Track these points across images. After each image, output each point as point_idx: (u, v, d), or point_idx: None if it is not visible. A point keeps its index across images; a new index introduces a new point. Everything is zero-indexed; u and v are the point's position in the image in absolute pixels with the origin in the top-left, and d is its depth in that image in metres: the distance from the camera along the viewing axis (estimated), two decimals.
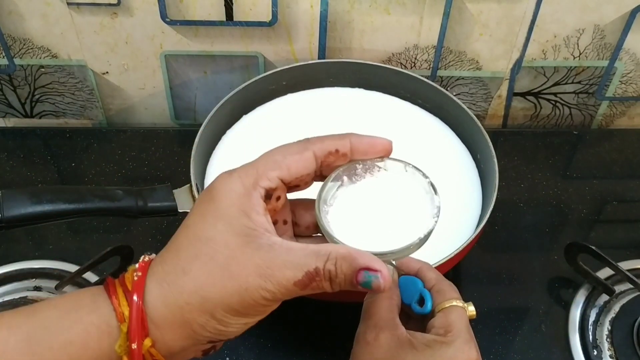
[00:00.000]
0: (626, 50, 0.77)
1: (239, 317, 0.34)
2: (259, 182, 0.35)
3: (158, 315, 0.34)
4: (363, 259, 0.34)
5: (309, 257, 0.34)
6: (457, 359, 0.41)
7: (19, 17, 0.71)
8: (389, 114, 0.71)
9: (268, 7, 0.71)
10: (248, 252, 0.33)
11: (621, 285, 0.65)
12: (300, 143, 0.37)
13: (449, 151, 0.69)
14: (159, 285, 0.34)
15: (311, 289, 0.34)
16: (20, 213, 0.51)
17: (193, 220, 0.35)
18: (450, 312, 0.43)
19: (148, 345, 0.34)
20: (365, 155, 0.38)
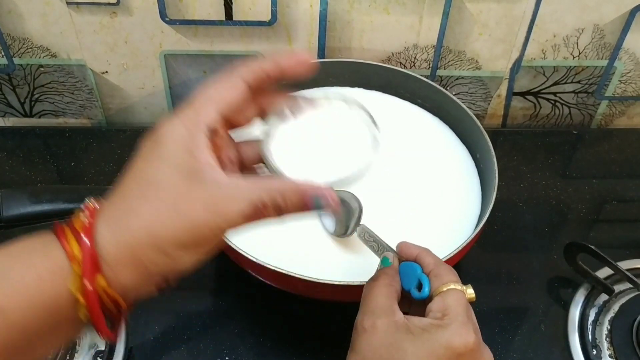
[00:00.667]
0: (626, 49, 0.77)
1: (189, 252, 0.35)
2: (200, 120, 0.36)
3: (109, 255, 0.34)
4: (310, 190, 0.36)
5: (255, 192, 0.35)
6: (453, 342, 0.41)
7: (19, 16, 0.71)
8: (389, 113, 0.71)
9: (267, 7, 0.71)
10: (195, 189, 0.34)
11: (620, 285, 0.65)
12: (230, 74, 0.38)
13: (449, 151, 0.69)
14: (108, 227, 0.35)
15: (259, 220, 0.36)
16: (19, 212, 0.51)
17: (139, 164, 0.36)
18: (447, 295, 0.43)
19: (102, 283, 0.34)
20: (289, 68, 0.38)
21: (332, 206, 0.36)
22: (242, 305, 0.64)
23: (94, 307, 0.34)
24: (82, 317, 0.35)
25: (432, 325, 0.41)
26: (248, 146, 0.41)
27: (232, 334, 0.62)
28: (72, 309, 0.34)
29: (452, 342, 0.41)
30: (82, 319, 0.35)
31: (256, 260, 0.53)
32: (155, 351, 0.60)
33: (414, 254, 0.47)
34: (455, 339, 0.41)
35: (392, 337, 0.41)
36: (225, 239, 0.55)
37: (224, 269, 0.67)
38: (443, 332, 0.41)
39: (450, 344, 0.41)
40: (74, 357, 0.59)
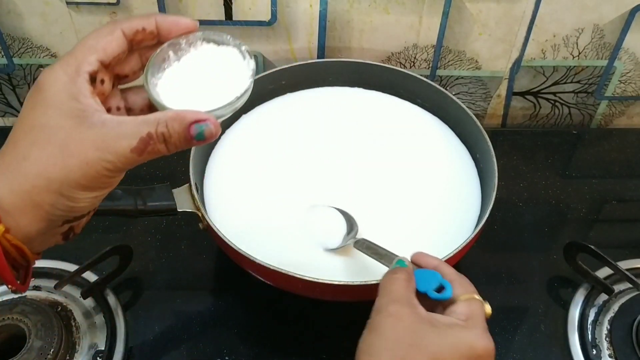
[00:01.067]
0: (625, 49, 0.77)
1: (87, 191, 0.36)
2: (81, 67, 0.37)
3: (7, 203, 0.35)
4: (191, 115, 0.37)
5: (140, 125, 0.36)
6: (476, 345, 0.42)
7: (18, 16, 0.71)
8: (388, 113, 0.71)
9: (267, 7, 0.71)
10: (82, 130, 0.35)
11: (620, 285, 0.65)
12: (109, 25, 0.39)
13: (448, 150, 0.69)
14: (2, 175, 0.35)
15: (148, 153, 0.36)
16: None
17: (25, 113, 0.37)
18: (472, 303, 0.45)
19: (2, 230, 0.35)
20: (170, 33, 0.40)
21: (212, 130, 0.37)
22: (242, 305, 0.64)
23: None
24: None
25: (456, 324, 0.43)
26: (135, 94, 0.42)
27: (232, 334, 0.62)
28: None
29: (475, 343, 0.42)
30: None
31: (256, 260, 0.53)
32: (155, 351, 0.60)
33: (433, 263, 0.48)
34: (478, 341, 0.43)
35: (417, 326, 0.42)
36: (223, 236, 0.55)
37: (224, 269, 0.67)
38: (467, 333, 0.43)
39: (473, 344, 0.42)
40: (74, 357, 0.59)
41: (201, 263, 0.67)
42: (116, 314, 0.62)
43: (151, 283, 0.66)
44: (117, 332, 0.61)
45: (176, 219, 0.68)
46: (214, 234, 0.56)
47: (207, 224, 0.57)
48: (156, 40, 0.40)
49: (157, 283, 0.66)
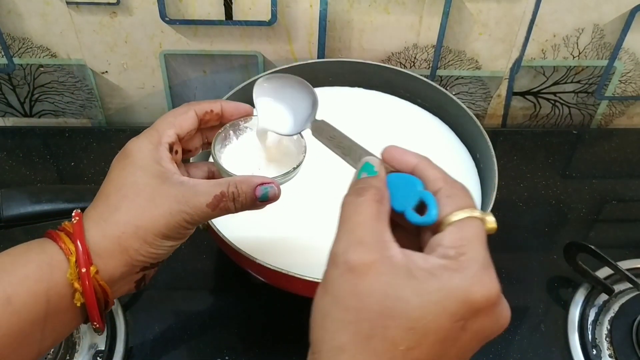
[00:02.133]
0: (625, 49, 0.77)
1: (166, 240, 0.42)
2: (162, 138, 0.44)
3: (99, 247, 0.40)
4: (258, 179, 0.43)
5: (214, 186, 0.42)
6: (472, 294, 0.31)
7: (18, 16, 0.71)
8: (389, 113, 0.71)
9: (267, 7, 0.71)
10: (166, 187, 0.42)
11: (620, 285, 0.65)
12: (184, 106, 0.46)
13: (449, 150, 0.69)
14: (95, 224, 0.41)
15: (220, 209, 0.42)
16: (19, 212, 0.51)
17: (115, 174, 0.43)
18: (465, 225, 0.33)
19: (94, 271, 0.39)
20: (232, 116, 0.48)
21: (276, 192, 0.43)
22: (242, 305, 0.64)
23: (89, 293, 0.39)
24: (77, 304, 0.39)
25: (443, 268, 0.31)
26: (195, 167, 0.49)
27: (232, 334, 0.62)
28: (68, 296, 0.39)
29: (470, 292, 0.31)
30: (77, 305, 0.40)
31: (256, 260, 0.53)
32: (155, 351, 0.61)
33: (411, 162, 0.36)
34: (475, 288, 0.31)
35: (388, 283, 0.31)
36: (223, 236, 0.55)
37: (224, 269, 0.67)
38: (459, 279, 0.31)
39: (468, 295, 0.31)
40: (74, 357, 0.59)
41: (201, 263, 0.68)
42: (116, 314, 0.62)
43: (151, 283, 0.65)
44: (117, 332, 0.61)
45: None
46: (214, 234, 0.56)
47: (207, 224, 0.57)
48: (219, 121, 0.48)
49: (157, 283, 0.66)
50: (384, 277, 0.31)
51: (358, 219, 0.33)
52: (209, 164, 0.50)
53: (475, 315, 0.31)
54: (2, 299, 0.37)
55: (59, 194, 0.53)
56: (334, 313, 0.32)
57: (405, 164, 0.36)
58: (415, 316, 0.30)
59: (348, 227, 0.33)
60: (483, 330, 0.32)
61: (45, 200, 0.52)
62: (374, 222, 0.33)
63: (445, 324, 0.30)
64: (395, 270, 0.31)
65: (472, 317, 0.31)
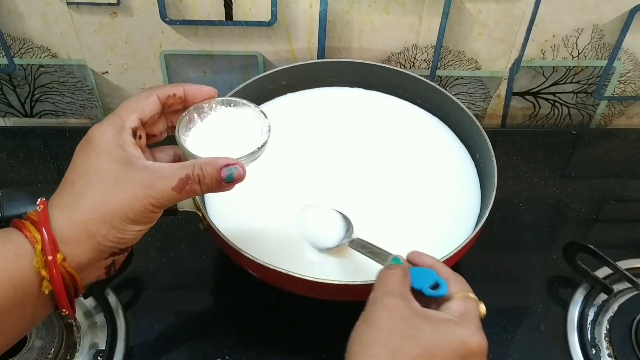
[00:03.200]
0: (625, 50, 0.77)
1: (133, 224, 0.42)
2: (125, 123, 0.44)
3: (65, 234, 0.40)
4: (222, 160, 0.44)
5: (179, 169, 0.43)
6: (469, 341, 0.42)
7: (19, 16, 0.71)
8: (388, 113, 0.72)
9: (267, 7, 0.71)
10: (131, 172, 0.42)
11: (620, 285, 0.65)
12: (146, 91, 0.47)
13: (448, 151, 0.69)
14: (61, 211, 0.41)
15: (186, 192, 0.43)
16: (19, 212, 0.51)
17: (79, 160, 0.43)
18: (467, 300, 0.45)
19: (60, 258, 0.40)
20: (195, 99, 0.48)
21: (241, 172, 0.44)
22: (242, 305, 0.64)
23: (57, 280, 0.40)
24: (45, 291, 0.40)
25: (450, 320, 0.43)
26: (161, 152, 0.49)
27: (232, 334, 0.62)
28: (36, 284, 0.40)
29: (468, 339, 0.42)
30: (46, 292, 0.40)
31: (256, 260, 0.54)
32: (155, 351, 0.61)
33: (428, 261, 0.48)
34: (472, 337, 0.42)
35: (411, 319, 0.42)
36: (223, 236, 0.55)
37: (224, 269, 0.67)
38: (461, 329, 0.43)
39: (467, 340, 0.42)
40: (75, 356, 0.59)
41: (201, 263, 0.68)
42: (117, 313, 0.62)
43: (151, 283, 0.66)
44: (118, 331, 0.61)
45: (176, 219, 0.68)
46: (214, 234, 0.56)
47: (208, 224, 0.57)
48: (182, 105, 0.48)
49: (157, 283, 0.66)
50: (409, 315, 0.42)
51: (389, 281, 0.45)
52: (174, 147, 0.50)
53: (470, 357, 0.42)
54: None
55: None
56: (371, 333, 0.41)
57: (424, 262, 0.48)
58: (425, 343, 0.41)
59: (382, 284, 0.45)
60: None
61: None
62: (399, 285, 0.44)
63: (448, 354, 0.41)
64: (417, 313, 0.43)
65: (468, 357, 0.42)
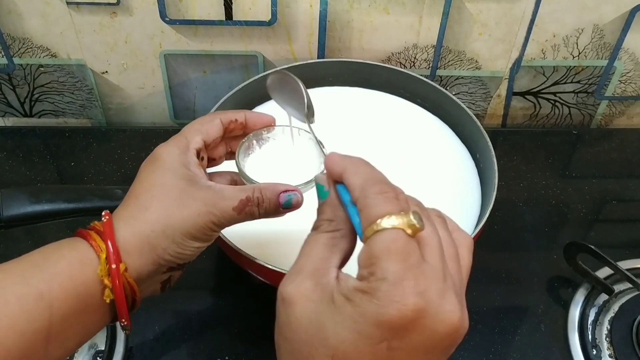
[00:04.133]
0: (625, 49, 0.77)
1: (193, 241, 0.43)
2: (190, 144, 0.45)
3: (128, 245, 0.41)
4: (282, 186, 0.45)
5: (240, 191, 0.44)
6: (382, 317, 0.30)
7: (19, 16, 0.71)
8: (388, 113, 0.71)
9: (267, 7, 0.71)
10: (194, 190, 0.43)
11: (620, 285, 0.65)
12: (211, 115, 0.48)
13: (448, 150, 0.69)
14: (125, 222, 0.42)
15: (245, 214, 0.43)
16: (19, 212, 0.51)
17: (144, 176, 0.44)
18: (373, 241, 0.31)
19: (123, 268, 0.40)
20: (255, 125, 0.50)
21: (299, 199, 0.45)
22: (242, 305, 0.64)
23: (118, 289, 0.40)
24: (107, 300, 0.40)
25: (357, 291, 0.31)
26: (219, 176, 0.50)
27: (232, 334, 0.62)
28: (98, 293, 0.40)
29: (381, 314, 0.30)
30: (107, 301, 0.40)
31: (256, 260, 0.53)
32: (155, 351, 0.61)
33: (337, 171, 0.36)
34: (384, 310, 0.30)
35: (312, 312, 0.32)
36: (223, 236, 0.55)
37: (224, 269, 0.67)
38: (369, 302, 0.30)
39: (379, 317, 0.30)
40: (74, 357, 0.59)
41: (201, 263, 0.67)
42: None
43: None
44: (117, 332, 0.61)
45: None
46: None
47: None
48: (242, 131, 0.49)
49: None
50: (311, 305, 0.32)
51: (306, 251, 0.35)
52: (232, 173, 0.51)
53: (398, 334, 0.30)
54: (35, 295, 0.38)
55: (59, 194, 0.53)
56: (280, 343, 0.35)
57: (337, 174, 0.36)
58: (333, 344, 0.31)
59: (297, 260, 0.35)
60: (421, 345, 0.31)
61: (45, 200, 0.52)
62: (320, 251, 0.34)
63: (364, 348, 0.31)
64: (322, 297, 0.32)
65: (394, 336, 0.30)
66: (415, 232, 0.31)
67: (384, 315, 0.30)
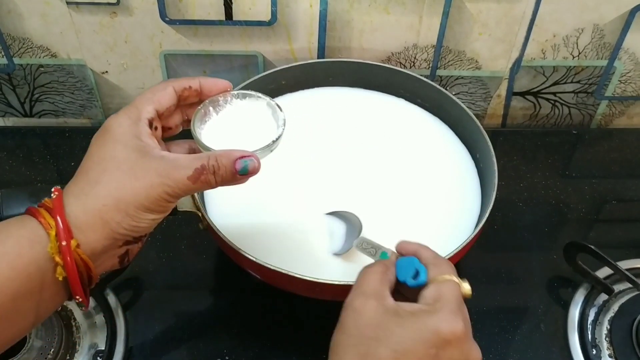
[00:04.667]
0: (625, 49, 0.77)
1: (148, 213, 0.42)
2: (141, 114, 0.44)
3: (79, 221, 0.40)
4: (237, 152, 0.44)
5: (194, 159, 0.43)
6: (440, 327, 0.40)
7: (18, 16, 0.71)
8: (388, 113, 0.71)
9: (267, 7, 0.71)
10: (146, 161, 0.42)
11: (620, 285, 0.65)
12: (163, 83, 0.47)
13: (449, 150, 0.69)
14: (76, 198, 0.41)
15: (200, 182, 0.42)
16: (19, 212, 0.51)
17: (94, 149, 0.43)
18: (442, 284, 0.43)
19: (74, 245, 0.40)
20: (210, 92, 0.48)
21: (256, 165, 0.44)
22: (242, 305, 0.64)
23: (70, 266, 0.39)
24: (59, 278, 0.40)
25: (421, 310, 0.41)
26: (176, 145, 0.49)
27: (232, 334, 0.62)
28: (50, 271, 0.39)
29: (439, 327, 0.40)
30: (60, 279, 0.40)
31: (256, 260, 0.54)
32: (155, 351, 0.61)
33: (412, 249, 0.47)
34: (443, 324, 0.40)
35: (380, 318, 0.41)
36: (223, 236, 0.55)
37: (224, 268, 0.67)
38: (431, 317, 0.40)
39: (438, 328, 0.40)
40: (74, 356, 0.59)
41: (201, 263, 0.68)
42: (116, 313, 0.62)
43: (151, 283, 0.66)
44: (117, 332, 0.61)
45: (176, 219, 0.67)
46: (214, 234, 0.56)
47: (207, 224, 0.57)
48: (198, 98, 0.48)
49: (157, 283, 0.66)
50: (378, 315, 0.41)
51: (363, 281, 0.43)
52: (189, 141, 0.50)
53: (445, 346, 0.40)
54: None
55: None
56: (342, 340, 0.41)
57: (408, 249, 0.47)
58: (397, 341, 0.40)
59: (357, 285, 0.44)
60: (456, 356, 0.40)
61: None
62: (376, 283, 0.43)
63: (420, 348, 0.39)
64: (387, 311, 0.41)
65: (442, 347, 0.40)
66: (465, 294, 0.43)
67: (441, 327, 0.40)
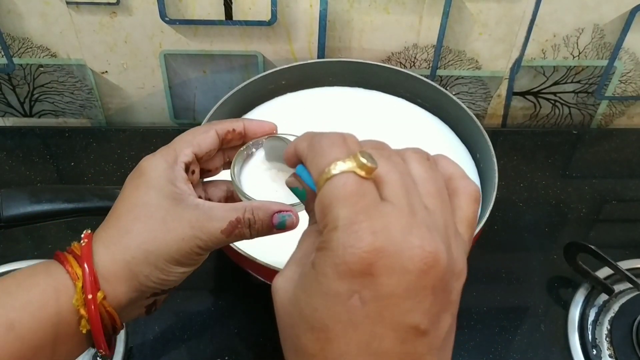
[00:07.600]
0: (625, 49, 0.77)
1: (178, 266, 0.40)
2: (178, 157, 0.42)
3: (107, 272, 0.38)
4: (275, 206, 0.41)
5: (230, 211, 0.40)
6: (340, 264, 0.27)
7: (18, 16, 0.71)
8: (389, 113, 0.71)
9: (267, 7, 0.71)
10: (179, 210, 0.39)
11: (620, 285, 0.65)
12: (205, 125, 0.45)
13: (449, 150, 0.69)
14: (105, 247, 0.39)
15: (234, 236, 0.40)
16: (19, 212, 0.51)
17: (128, 193, 0.41)
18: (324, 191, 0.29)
19: (101, 297, 0.38)
20: (255, 134, 0.46)
21: (294, 220, 0.41)
22: (242, 305, 0.64)
23: (95, 320, 0.37)
24: (83, 330, 0.38)
25: (317, 250, 0.29)
26: (214, 187, 0.47)
27: (232, 334, 0.62)
28: (74, 323, 0.38)
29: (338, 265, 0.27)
30: (83, 332, 0.38)
31: (256, 260, 0.53)
32: (155, 351, 0.60)
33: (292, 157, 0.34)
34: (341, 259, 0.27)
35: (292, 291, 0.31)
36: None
37: (223, 269, 0.67)
38: (325, 257, 0.28)
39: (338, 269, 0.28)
40: None
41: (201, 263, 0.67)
42: None
43: None
44: None
45: None
46: None
47: None
48: (242, 140, 0.46)
49: None
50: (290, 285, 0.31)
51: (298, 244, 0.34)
52: (228, 182, 0.47)
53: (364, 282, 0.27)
54: (5, 324, 0.36)
55: (59, 194, 0.53)
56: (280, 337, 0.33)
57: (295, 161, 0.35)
58: (308, 314, 0.29)
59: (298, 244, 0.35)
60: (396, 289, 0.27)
61: (45, 200, 0.52)
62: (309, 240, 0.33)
63: (336, 309, 0.28)
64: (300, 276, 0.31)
65: (362, 286, 0.27)
66: (369, 172, 0.29)
67: (340, 264, 0.27)
